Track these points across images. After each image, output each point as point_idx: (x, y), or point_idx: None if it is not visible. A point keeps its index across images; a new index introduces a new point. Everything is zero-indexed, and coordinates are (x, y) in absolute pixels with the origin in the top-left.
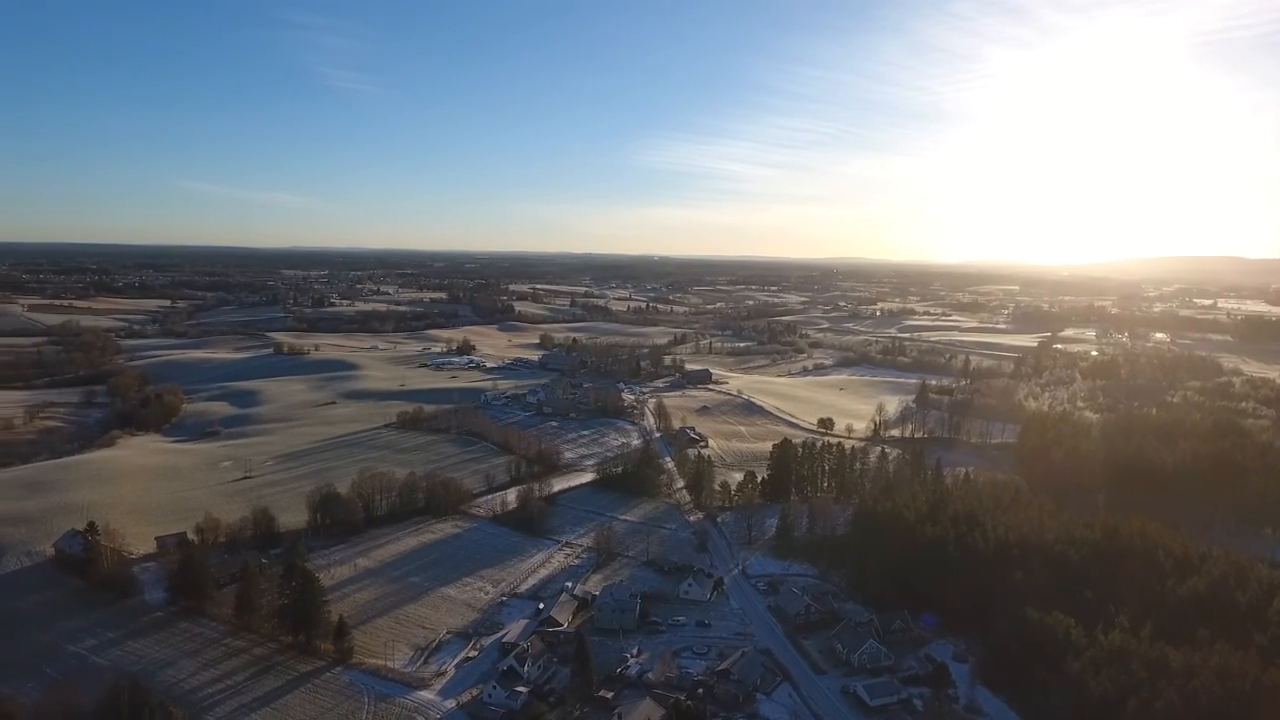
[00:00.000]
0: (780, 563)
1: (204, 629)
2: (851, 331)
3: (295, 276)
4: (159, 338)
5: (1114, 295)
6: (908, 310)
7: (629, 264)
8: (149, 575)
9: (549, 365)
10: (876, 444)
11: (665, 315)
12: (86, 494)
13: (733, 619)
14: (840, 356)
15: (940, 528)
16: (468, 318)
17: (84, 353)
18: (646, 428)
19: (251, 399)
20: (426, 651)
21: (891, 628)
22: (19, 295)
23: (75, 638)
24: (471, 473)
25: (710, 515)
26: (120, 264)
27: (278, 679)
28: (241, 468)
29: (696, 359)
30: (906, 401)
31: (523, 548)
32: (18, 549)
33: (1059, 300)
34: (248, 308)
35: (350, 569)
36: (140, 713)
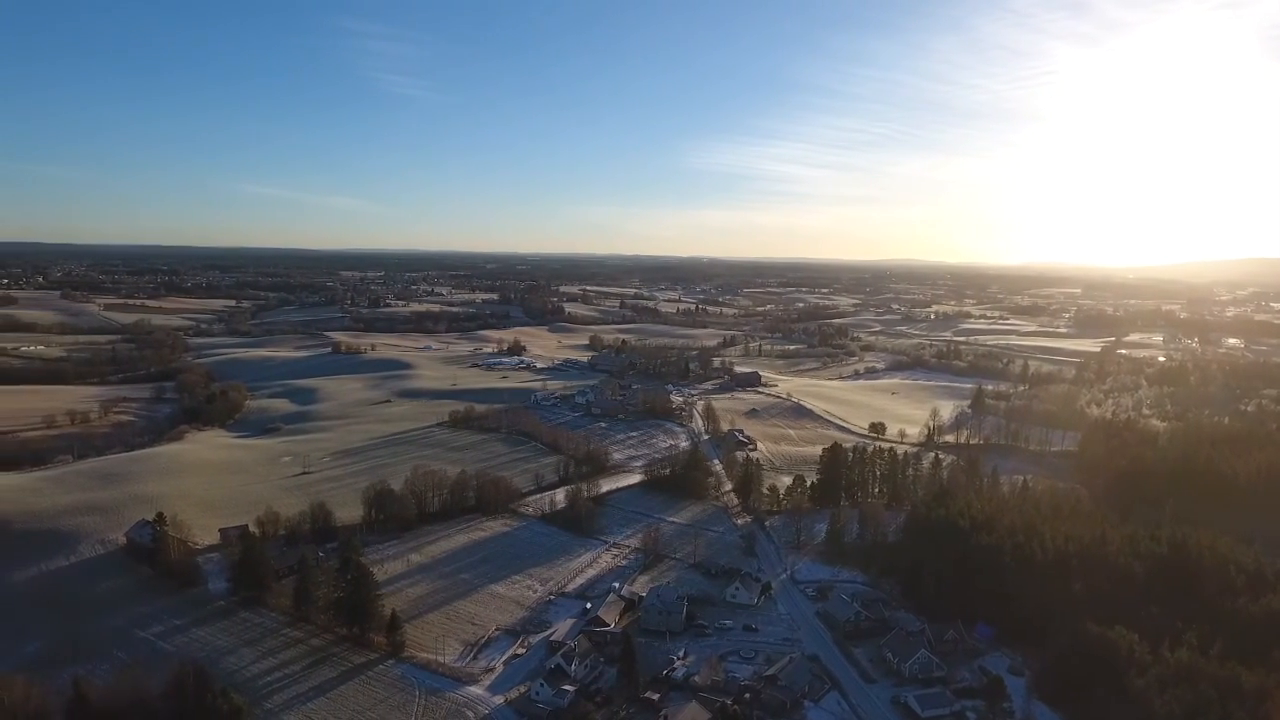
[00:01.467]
0: (829, 568)
1: (263, 619)
2: (905, 335)
3: (353, 278)
4: (224, 336)
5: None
6: (963, 313)
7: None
8: (212, 565)
9: (598, 366)
10: (930, 450)
11: (714, 317)
12: (156, 486)
13: (780, 624)
14: (893, 360)
15: (996, 536)
16: (518, 319)
17: (155, 350)
18: (695, 430)
19: (310, 396)
20: (476, 647)
21: (944, 638)
22: (96, 295)
23: (144, 623)
24: (521, 472)
25: (758, 519)
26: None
27: (333, 670)
28: (300, 463)
29: (746, 361)
30: (962, 407)
31: (571, 547)
32: (93, 537)
33: (1124, 304)
34: (307, 308)
35: (403, 564)
36: (203, 698)
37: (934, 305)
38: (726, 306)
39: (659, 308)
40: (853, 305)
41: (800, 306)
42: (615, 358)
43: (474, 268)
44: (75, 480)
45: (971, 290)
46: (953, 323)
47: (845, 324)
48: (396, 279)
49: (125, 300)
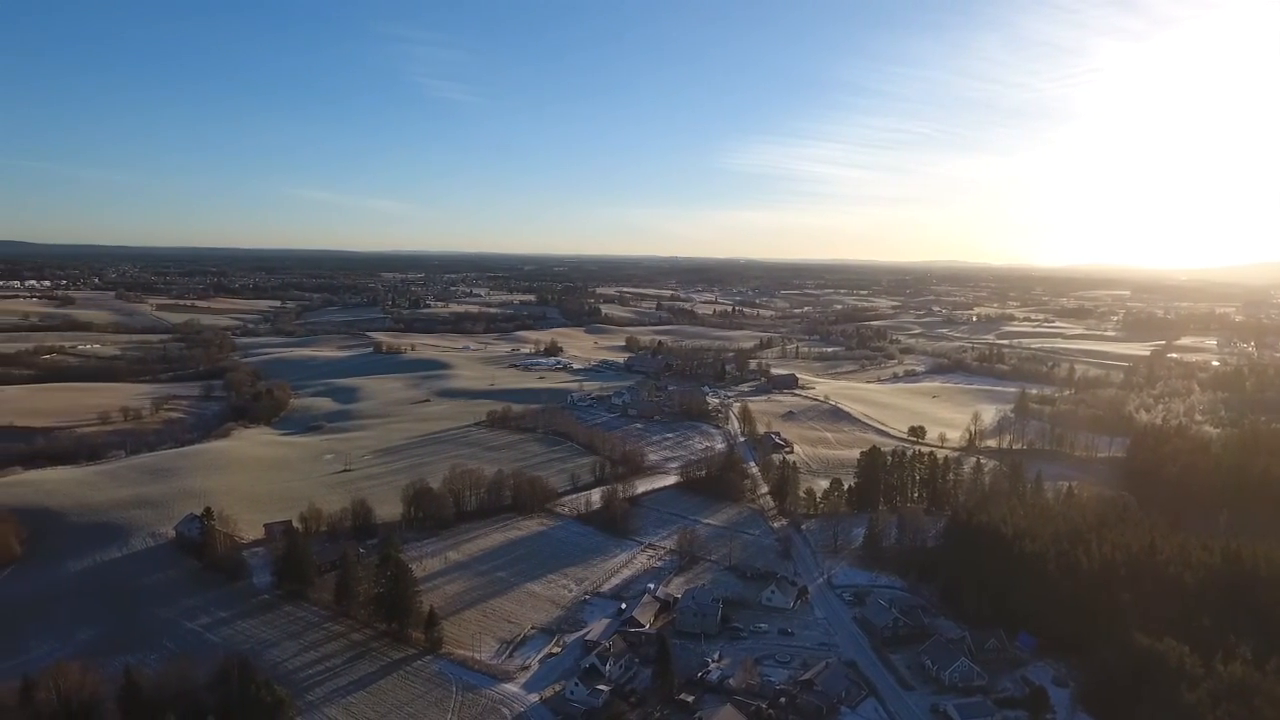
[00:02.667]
0: (867, 573)
1: (306, 613)
2: (946, 337)
3: (394, 279)
4: (270, 336)
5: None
6: (1006, 316)
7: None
8: (257, 560)
9: (634, 368)
10: (971, 454)
11: (751, 319)
12: (204, 481)
13: (816, 629)
14: (933, 363)
15: (1040, 544)
16: (555, 320)
17: (204, 349)
18: (731, 432)
19: (352, 395)
20: (512, 645)
21: (985, 646)
22: (149, 295)
23: (191, 615)
24: (557, 472)
25: (794, 522)
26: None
27: (372, 664)
28: (342, 461)
29: (783, 364)
30: (1004, 411)
31: (606, 547)
32: (144, 530)
33: (1175, 306)
34: (350, 308)
35: (440, 561)
36: (248, 689)
37: (976, 307)
38: (763, 308)
39: (695, 309)
40: (892, 307)
41: (838, 308)
42: (651, 359)
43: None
44: (128, 475)
45: (1015, 292)
46: (995, 325)
47: (884, 326)
48: (436, 280)
49: (176, 301)
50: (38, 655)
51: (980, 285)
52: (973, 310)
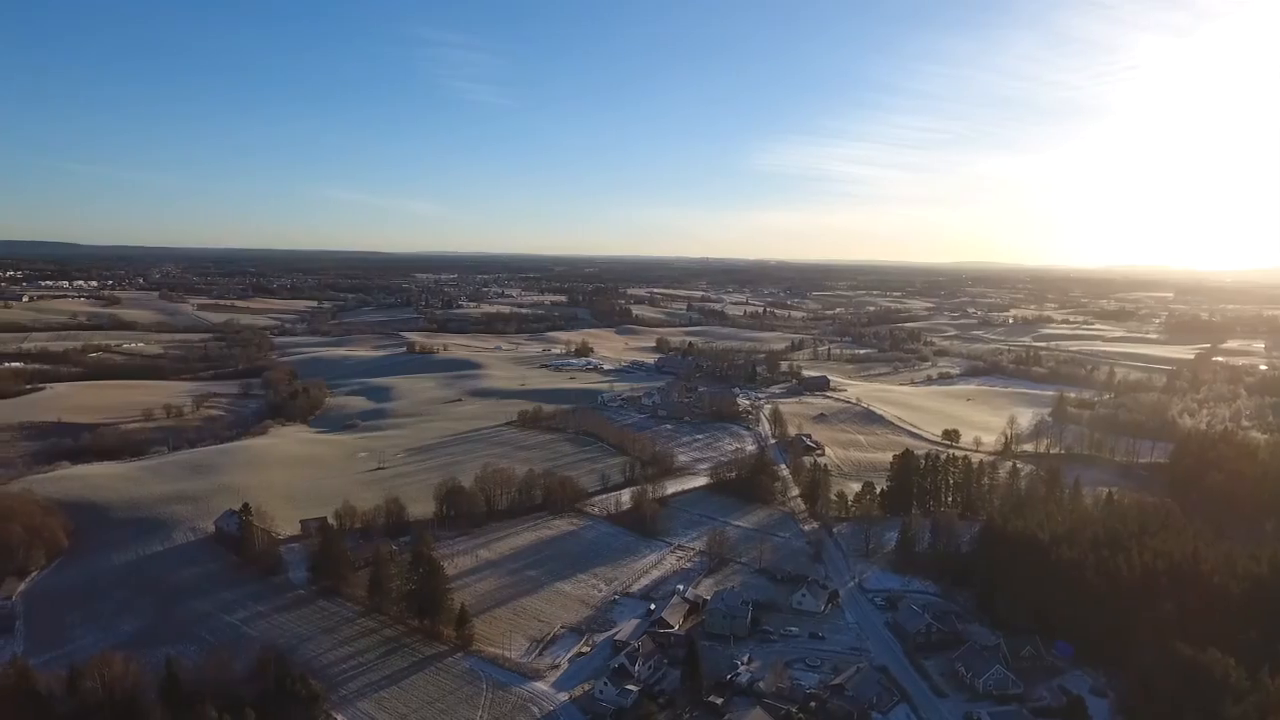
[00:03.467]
0: (899, 578)
1: (340, 608)
2: (981, 339)
3: (427, 280)
4: (306, 335)
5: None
6: (1044, 318)
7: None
8: (293, 555)
9: (665, 368)
10: (1007, 458)
11: (782, 320)
12: (242, 477)
13: (848, 633)
14: (968, 365)
15: (1078, 550)
16: (586, 320)
17: (243, 348)
18: (761, 434)
19: (386, 394)
20: (541, 644)
21: (1021, 653)
22: (190, 295)
23: (229, 608)
24: (587, 472)
25: (826, 525)
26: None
27: (404, 660)
28: (376, 459)
29: (814, 365)
30: (1041, 415)
31: (635, 548)
32: (184, 525)
33: (1220, 308)
34: (384, 309)
35: (472, 559)
36: (283, 682)
37: (1012, 309)
38: (794, 310)
39: (726, 310)
40: (926, 309)
41: (871, 310)
42: (682, 360)
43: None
44: (170, 470)
45: (1053, 294)
46: (1032, 327)
47: (918, 328)
48: (468, 281)
49: (217, 301)
50: (83, 645)
51: (1016, 287)
52: (1008, 312)
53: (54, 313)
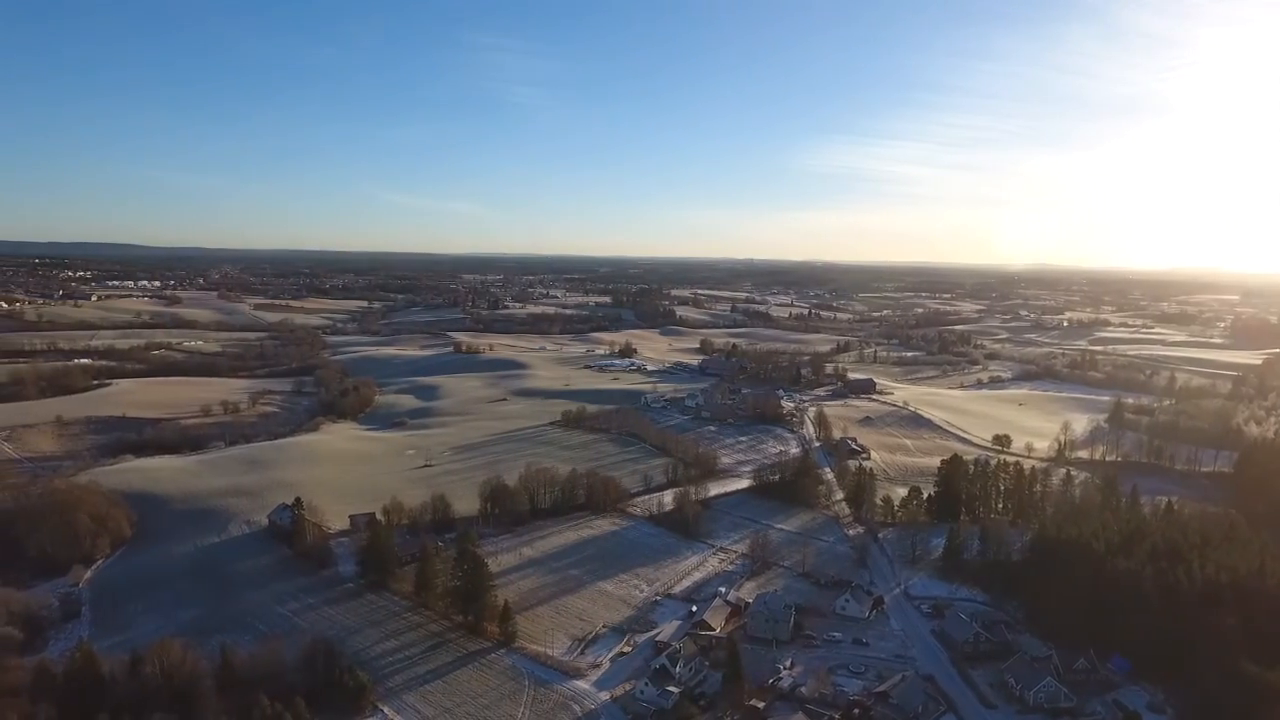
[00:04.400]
0: (946, 585)
1: (387, 602)
2: (1034, 343)
3: (474, 280)
4: (357, 335)
5: None
6: (1100, 321)
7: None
8: (342, 549)
9: (708, 370)
10: (1060, 465)
11: (828, 322)
12: (295, 472)
13: (892, 640)
14: (1020, 369)
15: (1135, 561)
16: (630, 321)
17: (296, 347)
18: (806, 436)
19: (433, 393)
20: (583, 643)
21: (1074, 666)
22: (247, 295)
23: (282, 600)
24: (630, 472)
25: (871, 530)
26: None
27: (448, 655)
28: (423, 456)
29: (860, 368)
30: (1097, 421)
31: (677, 549)
32: (240, 518)
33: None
34: (432, 309)
35: (515, 557)
36: (332, 673)
37: (1067, 312)
38: (840, 311)
39: (770, 312)
40: (976, 311)
41: (919, 312)
42: (725, 362)
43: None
44: (226, 465)
45: (1110, 296)
46: (1088, 331)
47: (968, 331)
48: (514, 282)
49: (272, 300)
50: (144, 632)
51: (1071, 288)
52: (1063, 315)
53: (120, 311)
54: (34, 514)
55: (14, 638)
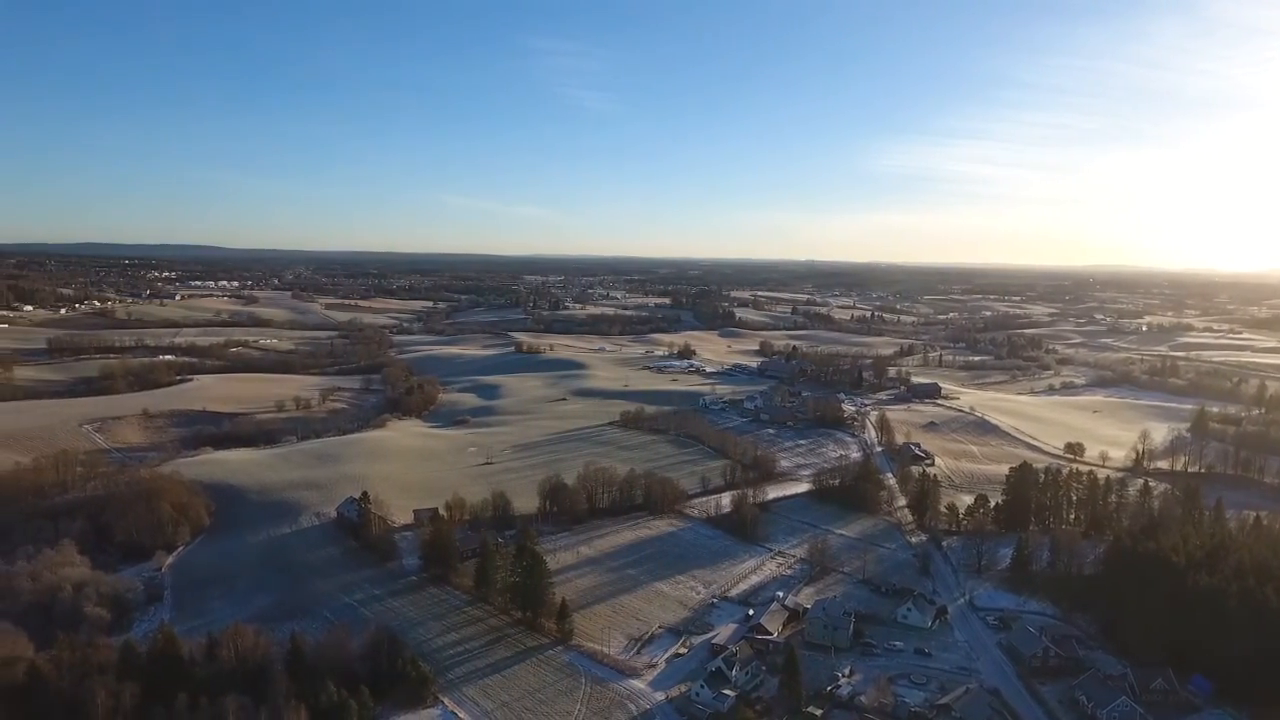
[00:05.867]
0: (1014, 597)
1: (448, 596)
2: (1110, 348)
3: (535, 282)
4: (422, 334)
5: None
6: (1183, 325)
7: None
8: (406, 543)
9: (767, 372)
10: (1138, 476)
11: (891, 325)
12: (362, 467)
13: (956, 651)
14: (1095, 375)
15: (1220, 578)
16: (689, 323)
17: (365, 346)
18: (867, 441)
19: (494, 392)
20: (640, 642)
21: (1151, 686)
22: (319, 295)
23: (348, 590)
24: (687, 474)
25: (934, 538)
26: (395, 269)
27: (507, 649)
28: (484, 454)
29: (924, 372)
30: (1178, 430)
31: (735, 552)
32: (310, 510)
33: None
34: (494, 309)
35: (573, 556)
36: (395, 664)
37: (1146, 316)
38: (905, 314)
39: (832, 314)
40: (1049, 315)
41: (988, 315)
42: (785, 364)
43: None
44: (298, 459)
45: (1194, 300)
46: (1169, 335)
47: (1039, 335)
48: (575, 283)
49: (342, 300)
50: (220, 617)
51: (1151, 291)
52: (1142, 319)
53: (201, 310)
54: (122, 502)
55: (103, 618)
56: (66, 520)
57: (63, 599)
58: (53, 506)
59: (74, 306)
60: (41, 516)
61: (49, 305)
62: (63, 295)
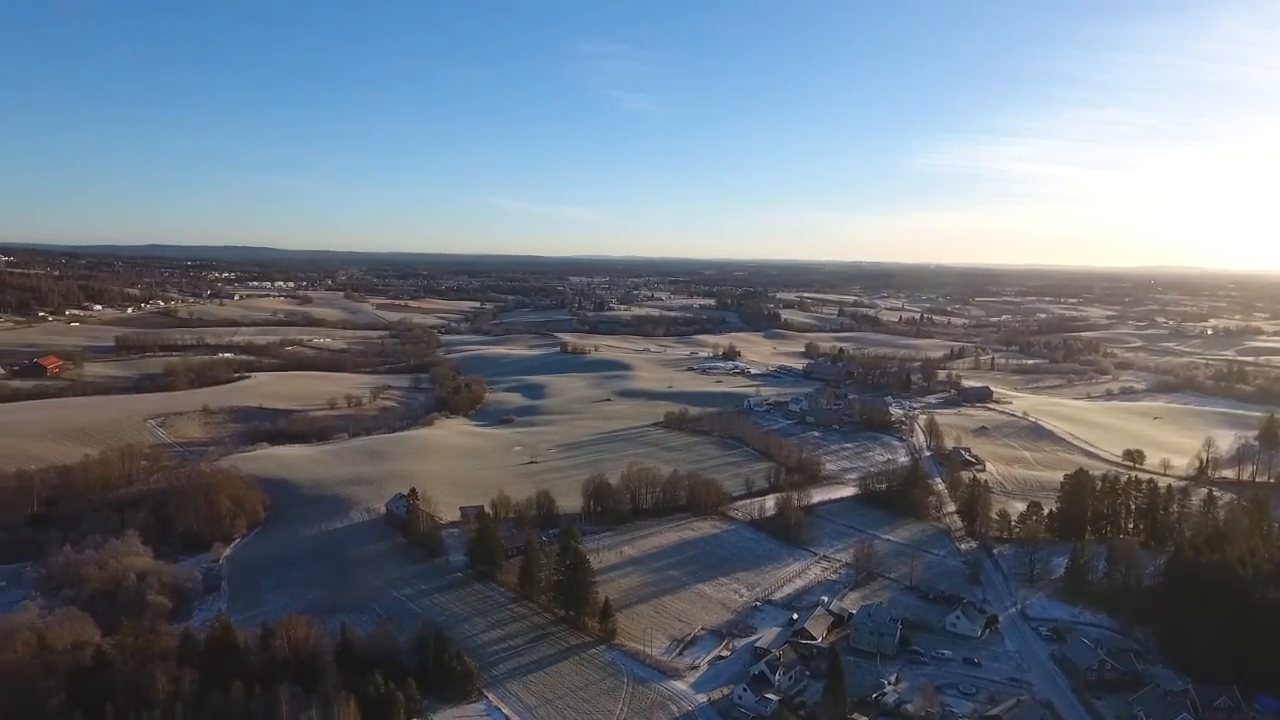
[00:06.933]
0: (1068, 607)
1: (493, 593)
2: (1172, 352)
3: (580, 283)
4: (469, 334)
5: None
6: (1252, 329)
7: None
8: (453, 540)
9: (813, 374)
10: (1201, 485)
11: (941, 327)
12: (410, 464)
13: (1007, 661)
14: (1155, 380)
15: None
16: (734, 324)
17: (414, 345)
18: (915, 445)
19: (540, 392)
20: (682, 644)
21: (1214, 704)
22: (370, 295)
23: (397, 585)
24: (731, 476)
25: (985, 545)
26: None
27: (550, 647)
28: (529, 453)
29: (976, 375)
30: (1246, 438)
31: (779, 555)
32: (360, 505)
33: None
34: (540, 310)
35: (616, 555)
36: (441, 658)
37: (1211, 319)
38: (955, 316)
39: (880, 316)
40: (1106, 317)
41: (1042, 318)
42: (831, 366)
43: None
44: (349, 455)
45: (1263, 302)
46: (1235, 340)
47: (1096, 338)
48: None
49: (392, 301)
50: (274, 607)
51: (1217, 293)
52: (1206, 322)
53: (258, 310)
54: (183, 495)
55: (164, 606)
56: (131, 511)
57: (127, 587)
58: (119, 498)
59: (140, 306)
60: (108, 507)
61: (117, 305)
62: (130, 295)
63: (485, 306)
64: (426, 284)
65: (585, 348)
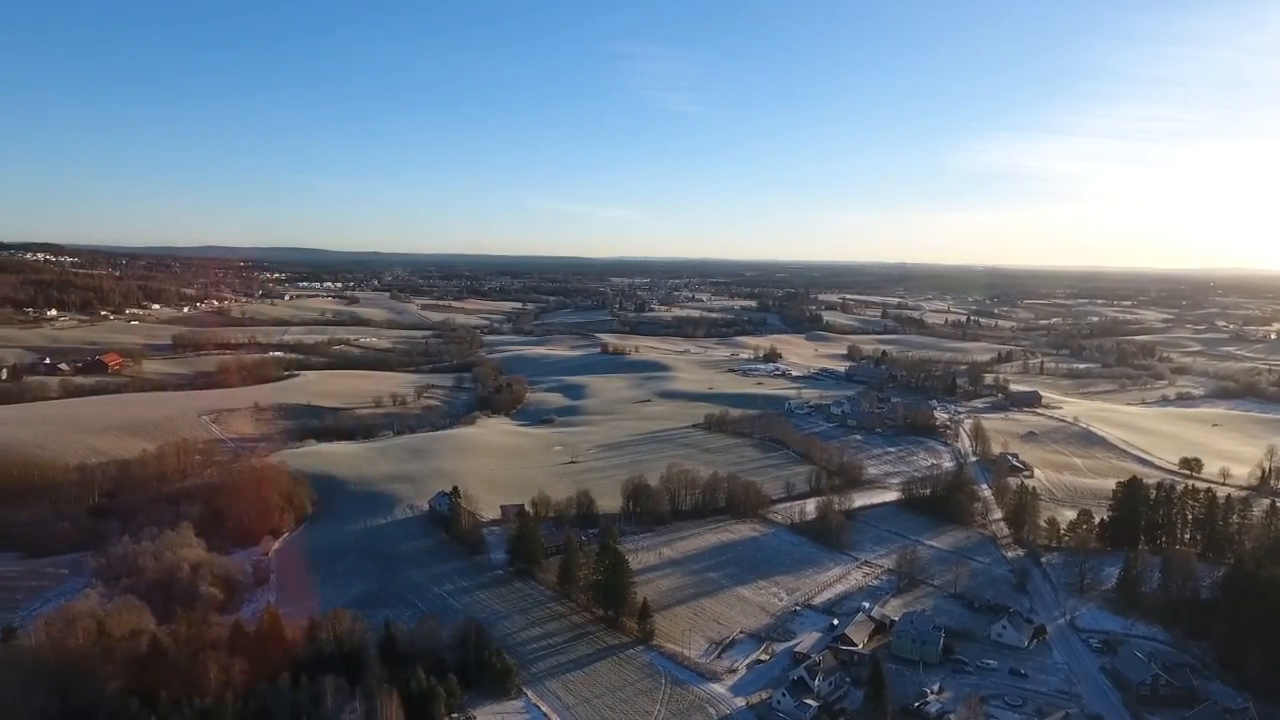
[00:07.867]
0: (1120, 619)
1: (533, 591)
2: (1233, 356)
3: (621, 284)
4: (511, 335)
5: None
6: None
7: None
8: (494, 538)
9: (855, 377)
10: (1263, 495)
11: (988, 330)
12: (453, 462)
13: (1055, 673)
14: (1215, 386)
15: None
16: (775, 326)
17: (457, 345)
18: (960, 450)
19: (580, 392)
20: (720, 646)
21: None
22: (415, 296)
23: (438, 581)
24: (771, 478)
25: (1033, 554)
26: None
27: (589, 646)
28: (569, 453)
29: (1024, 379)
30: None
31: (819, 559)
32: (404, 502)
33: None
34: (581, 311)
35: (655, 556)
36: (481, 654)
37: (1275, 323)
38: (1003, 319)
39: (924, 318)
40: (1162, 321)
41: (1094, 320)
42: (874, 369)
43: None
44: (394, 453)
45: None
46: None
47: (1152, 342)
48: (660, 285)
49: (437, 301)
50: (320, 601)
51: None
52: (1270, 326)
53: (308, 309)
54: (234, 489)
55: (216, 597)
56: (186, 504)
57: (180, 578)
58: (174, 491)
59: (195, 305)
60: (164, 500)
61: (174, 304)
62: (186, 295)
63: (527, 307)
64: (469, 285)
65: (626, 348)
